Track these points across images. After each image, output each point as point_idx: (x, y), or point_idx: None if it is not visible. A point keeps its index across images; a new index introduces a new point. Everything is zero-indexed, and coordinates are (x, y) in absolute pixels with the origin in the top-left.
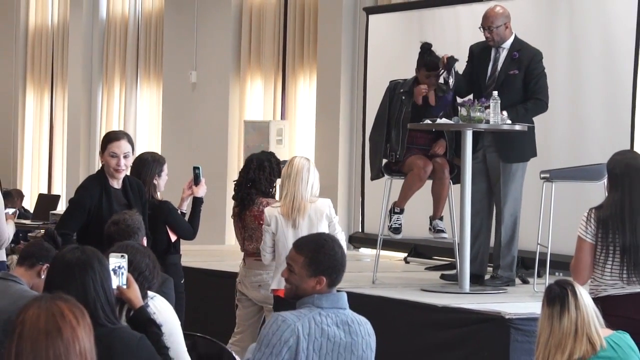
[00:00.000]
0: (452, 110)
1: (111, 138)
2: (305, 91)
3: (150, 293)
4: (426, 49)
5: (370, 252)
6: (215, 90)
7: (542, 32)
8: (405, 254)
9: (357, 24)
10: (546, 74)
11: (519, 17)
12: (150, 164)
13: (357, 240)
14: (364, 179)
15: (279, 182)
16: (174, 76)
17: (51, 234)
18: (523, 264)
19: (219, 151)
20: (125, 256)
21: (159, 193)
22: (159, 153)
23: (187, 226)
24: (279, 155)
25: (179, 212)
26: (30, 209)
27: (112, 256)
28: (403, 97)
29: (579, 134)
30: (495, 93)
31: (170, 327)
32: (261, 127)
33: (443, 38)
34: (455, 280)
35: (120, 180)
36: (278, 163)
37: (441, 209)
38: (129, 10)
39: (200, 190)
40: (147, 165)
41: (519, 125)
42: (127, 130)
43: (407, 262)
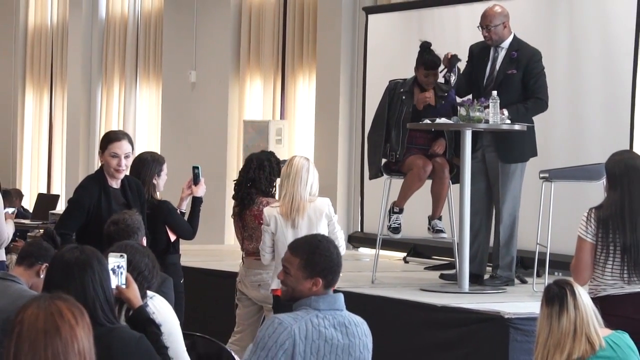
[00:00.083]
0: (452, 110)
1: (112, 138)
2: (305, 91)
3: (149, 293)
4: (425, 48)
5: (369, 252)
6: (215, 90)
7: (542, 32)
8: (405, 254)
9: (357, 23)
10: (545, 73)
11: (518, 17)
12: (149, 164)
13: (357, 239)
14: (363, 179)
15: (278, 182)
16: (173, 76)
17: (50, 234)
18: (522, 263)
19: (218, 151)
20: (125, 256)
21: (158, 193)
22: (158, 153)
23: (187, 226)
24: (278, 155)
25: (178, 212)
26: (30, 208)
27: (111, 256)
28: (403, 97)
29: (578, 134)
30: (494, 93)
31: (170, 327)
32: (260, 127)
33: (442, 38)
34: (454, 280)
35: (119, 180)
36: (278, 162)
37: (440, 208)
38: (129, 10)
39: (200, 190)
40: (147, 164)
41: (518, 125)
42: (127, 130)
43: (407, 262)
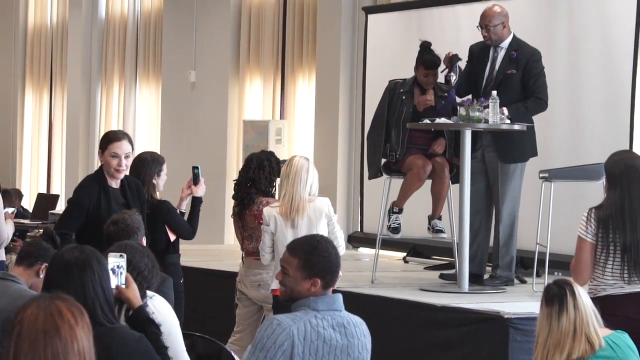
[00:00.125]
0: (452, 110)
1: (112, 138)
2: (305, 91)
3: (149, 292)
4: (425, 48)
5: (369, 252)
6: (215, 89)
7: (542, 32)
8: (404, 254)
9: (356, 23)
10: (545, 73)
11: (518, 17)
12: (149, 164)
13: (356, 239)
14: (363, 179)
15: (278, 182)
16: (173, 76)
17: (50, 234)
18: (522, 263)
19: (218, 151)
20: (124, 256)
21: (158, 193)
22: (158, 153)
23: (186, 226)
24: (278, 155)
25: (178, 212)
26: (29, 208)
27: (111, 256)
28: (403, 97)
29: (578, 134)
30: (494, 93)
31: (169, 327)
32: (260, 127)
33: (442, 37)
34: (454, 279)
35: (119, 180)
36: (278, 162)
37: (440, 208)
38: (128, 10)
39: (199, 190)
40: (147, 164)
41: (518, 124)
42: (126, 130)
43: (406, 262)
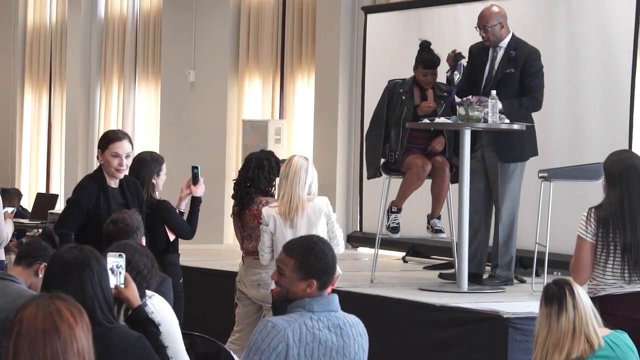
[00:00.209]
0: (451, 110)
1: (113, 138)
2: (304, 90)
3: (148, 292)
4: (425, 47)
5: (368, 252)
6: (214, 89)
7: (541, 32)
8: (404, 253)
9: (356, 23)
10: (543, 72)
11: (517, 17)
12: (149, 164)
13: (355, 239)
14: (362, 179)
15: (277, 181)
16: (172, 75)
17: (48, 233)
18: (521, 263)
19: (217, 150)
20: (123, 255)
21: (157, 192)
22: (157, 152)
23: (186, 225)
24: (277, 155)
25: (177, 212)
26: (29, 208)
27: (110, 255)
28: (403, 98)
29: (577, 134)
30: (493, 92)
31: (169, 326)
32: (259, 127)
33: (441, 37)
34: (453, 279)
35: (118, 179)
36: (277, 162)
37: (440, 208)
38: (127, 10)
39: (199, 190)
40: (146, 164)
41: (517, 124)
42: (126, 130)
43: (406, 262)
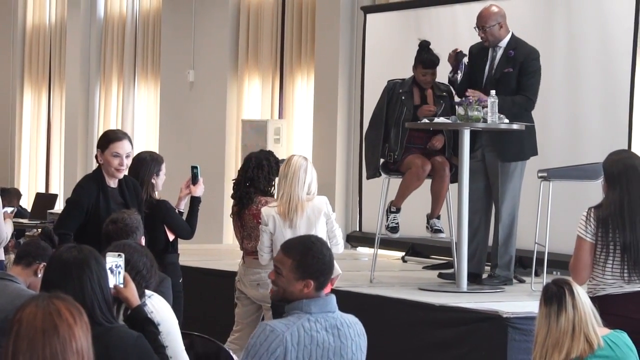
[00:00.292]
0: (451, 109)
1: (113, 138)
2: (303, 90)
3: (147, 292)
4: (424, 47)
5: (367, 251)
6: (213, 89)
7: (540, 32)
8: (403, 253)
9: (355, 23)
10: (541, 73)
11: (516, 17)
12: (148, 163)
13: (355, 239)
14: (361, 178)
15: (277, 181)
16: (171, 75)
17: (48, 233)
18: (521, 262)
19: (216, 150)
20: (122, 255)
21: (157, 192)
22: (156, 152)
23: (185, 225)
24: (277, 154)
25: (176, 212)
26: (28, 208)
27: (109, 255)
28: (403, 98)
29: (576, 133)
30: (493, 92)
31: (168, 326)
32: (259, 126)
33: (440, 37)
34: (452, 279)
35: (117, 179)
36: (277, 162)
37: (439, 208)
38: (127, 9)
39: (198, 190)
40: (146, 164)
41: (516, 124)
42: (125, 129)
43: (405, 261)
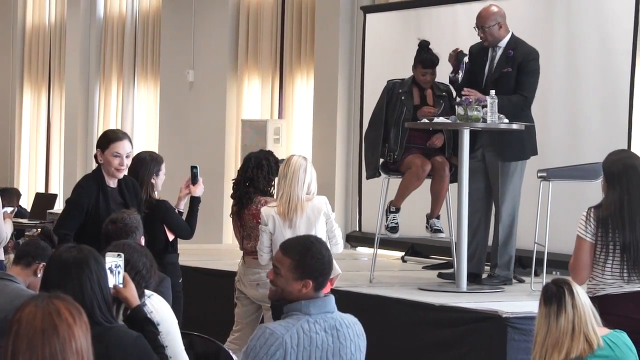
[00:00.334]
0: (450, 109)
1: (113, 138)
2: (303, 90)
3: (147, 292)
4: (424, 47)
5: (367, 251)
6: (213, 89)
7: (539, 32)
8: (403, 253)
9: (355, 23)
10: (539, 73)
11: (516, 17)
12: (148, 163)
13: (354, 239)
14: (361, 178)
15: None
16: (171, 75)
17: (47, 233)
18: (520, 262)
19: (216, 150)
20: (122, 255)
21: (156, 192)
22: (156, 152)
23: (185, 225)
24: (276, 154)
25: (176, 211)
26: (28, 207)
27: (109, 255)
28: (402, 98)
29: (576, 133)
30: (492, 92)
31: (168, 326)
32: (259, 126)
33: (440, 37)
34: (452, 279)
35: (117, 179)
36: (276, 162)
37: (439, 208)
38: (127, 9)
39: (198, 190)
40: (145, 164)
41: (516, 124)
42: (125, 129)
43: (405, 261)
